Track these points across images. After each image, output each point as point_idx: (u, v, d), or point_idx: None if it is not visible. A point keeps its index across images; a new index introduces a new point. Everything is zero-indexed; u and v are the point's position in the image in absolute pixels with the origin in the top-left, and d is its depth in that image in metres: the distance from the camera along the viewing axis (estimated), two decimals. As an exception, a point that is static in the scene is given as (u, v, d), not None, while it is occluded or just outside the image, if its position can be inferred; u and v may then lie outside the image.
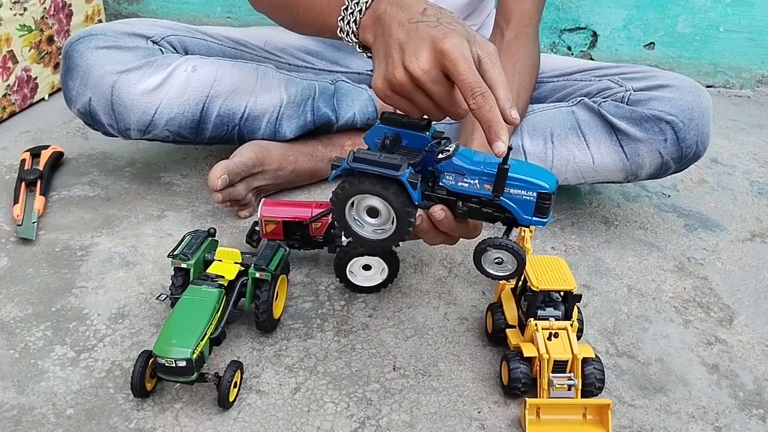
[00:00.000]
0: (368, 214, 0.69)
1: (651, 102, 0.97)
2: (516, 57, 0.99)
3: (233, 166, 0.98)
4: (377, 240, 0.70)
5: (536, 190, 0.65)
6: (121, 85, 0.97)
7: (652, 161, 0.99)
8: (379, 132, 0.69)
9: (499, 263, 0.69)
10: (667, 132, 0.96)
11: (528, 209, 0.66)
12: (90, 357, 0.80)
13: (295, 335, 0.84)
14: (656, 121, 0.96)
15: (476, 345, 0.85)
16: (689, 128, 0.96)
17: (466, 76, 0.63)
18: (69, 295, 0.89)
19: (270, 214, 0.91)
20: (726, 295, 0.97)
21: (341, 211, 0.69)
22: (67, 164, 1.17)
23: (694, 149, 0.98)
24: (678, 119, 0.96)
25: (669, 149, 0.97)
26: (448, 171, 0.68)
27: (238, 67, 1.04)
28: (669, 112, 0.96)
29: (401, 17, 0.68)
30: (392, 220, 0.68)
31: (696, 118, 0.97)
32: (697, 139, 0.98)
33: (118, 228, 1.02)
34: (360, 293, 0.91)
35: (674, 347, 0.87)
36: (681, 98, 0.97)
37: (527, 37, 1.01)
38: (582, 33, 1.65)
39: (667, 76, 1.01)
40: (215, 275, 0.78)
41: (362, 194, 0.67)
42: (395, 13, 0.69)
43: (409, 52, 0.65)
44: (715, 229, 1.12)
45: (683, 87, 0.98)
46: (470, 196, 0.68)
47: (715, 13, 1.59)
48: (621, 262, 1.02)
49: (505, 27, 1.01)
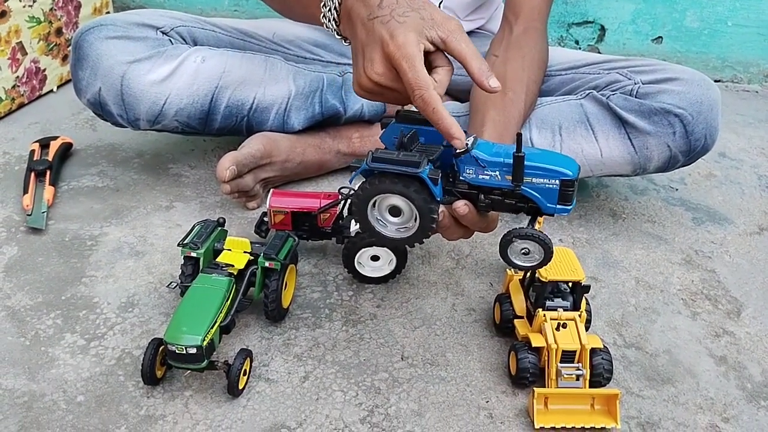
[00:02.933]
0: (390, 213, 0.68)
1: (660, 95, 0.97)
2: (525, 51, 0.99)
3: (241, 157, 0.98)
4: (401, 238, 0.69)
5: (559, 177, 0.65)
6: (131, 76, 0.97)
7: (661, 154, 0.99)
8: (396, 131, 0.69)
9: (525, 253, 0.69)
10: (675, 125, 0.96)
11: (552, 197, 0.66)
12: (100, 345, 0.80)
13: (304, 324, 0.84)
14: (665, 114, 0.96)
15: (484, 335, 0.85)
16: (698, 121, 0.96)
17: (406, 78, 0.64)
18: (79, 284, 0.89)
19: (279, 205, 0.91)
20: (734, 287, 0.97)
21: (363, 212, 0.68)
22: (76, 155, 1.18)
23: (703, 143, 0.98)
24: (687, 112, 0.96)
25: (677, 142, 0.97)
26: (467, 164, 0.67)
27: (247, 59, 1.05)
28: (678, 105, 0.96)
29: (362, 14, 0.69)
30: (415, 218, 0.67)
31: (705, 112, 0.96)
32: (706, 132, 0.97)
33: (127, 218, 1.02)
34: (368, 284, 0.92)
35: (682, 339, 0.87)
36: (690, 91, 0.96)
37: (536, 32, 1.01)
38: (590, 27, 1.64)
39: (676, 69, 1.01)
40: (225, 264, 0.79)
41: (383, 194, 0.66)
42: (359, 9, 0.69)
43: (367, 57, 0.66)
44: (722, 223, 1.12)
45: (692, 80, 0.98)
46: (492, 188, 0.68)
47: (723, 8, 1.58)
48: (629, 255, 1.02)
49: (514, 21, 1.01)
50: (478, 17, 1.20)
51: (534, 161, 0.65)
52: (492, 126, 0.88)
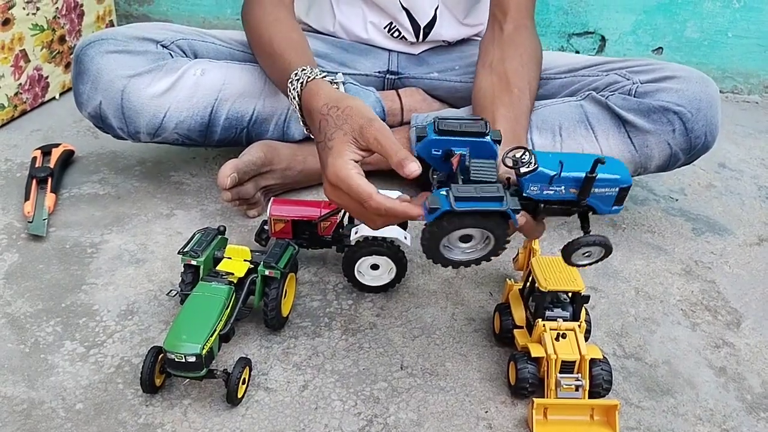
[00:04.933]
0: (460, 240, 0.68)
1: (658, 93, 0.97)
2: (522, 49, 1.00)
3: (242, 164, 0.99)
4: (467, 260, 0.69)
5: (618, 185, 0.67)
6: (131, 89, 0.98)
7: (661, 152, 0.99)
8: (436, 144, 0.68)
9: (587, 255, 0.70)
10: (675, 123, 0.96)
11: (609, 202, 0.69)
12: (99, 353, 0.80)
13: (303, 333, 0.84)
14: (664, 112, 0.96)
15: (484, 345, 0.85)
16: (697, 118, 0.97)
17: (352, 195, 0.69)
18: (79, 292, 0.89)
19: (279, 213, 0.91)
20: (734, 298, 0.97)
21: (437, 245, 0.67)
22: (77, 162, 1.18)
23: (703, 140, 0.98)
24: (686, 109, 0.96)
25: (678, 140, 0.98)
26: (533, 182, 0.67)
27: (247, 70, 1.05)
28: (677, 102, 0.96)
29: (313, 133, 0.79)
30: (485, 240, 0.68)
31: (704, 108, 0.97)
32: (706, 129, 0.98)
33: (127, 226, 1.03)
34: (368, 293, 0.92)
35: (681, 350, 0.87)
36: (688, 89, 0.97)
37: (527, 30, 1.02)
38: (590, 37, 1.65)
39: (673, 67, 1.01)
40: (225, 272, 0.79)
41: (464, 229, 0.66)
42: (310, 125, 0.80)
43: (323, 179, 0.73)
44: (722, 233, 1.12)
45: (690, 78, 0.98)
46: (555, 200, 0.68)
47: (723, 19, 1.59)
48: (628, 265, 1.02)
49: (503, 20, 1.02)
50: (476, 23, 1.20)
51: (598, 173, 0.66)
52: (504, 121, 0.90)
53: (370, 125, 0.70)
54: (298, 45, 0.91)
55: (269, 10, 0.97)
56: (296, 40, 0.91)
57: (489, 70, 0.99)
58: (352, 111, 0.72)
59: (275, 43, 0.90)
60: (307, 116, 0.81)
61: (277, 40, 0.90)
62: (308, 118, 0.81)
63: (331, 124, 0.73)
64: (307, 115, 0.81)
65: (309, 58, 0.89)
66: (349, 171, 0.69)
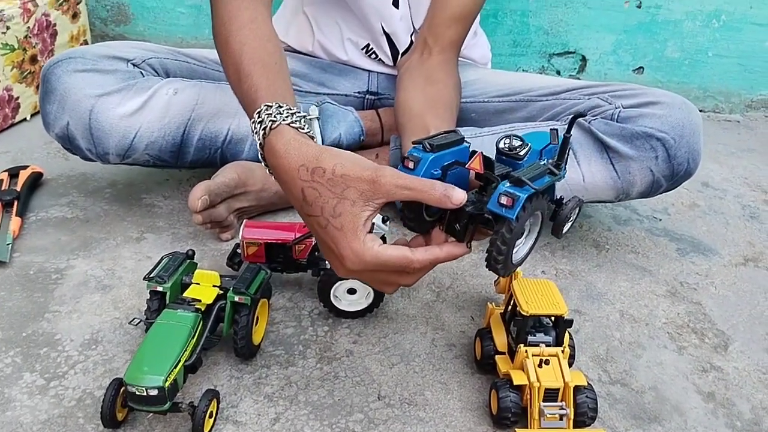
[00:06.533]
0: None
1: (641, 119, 0.96)
2: (449, 80, 1.03)
3: (214, 186, 0.96)
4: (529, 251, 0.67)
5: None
6: (100, 109, 0.95)
7: (644, 179, 0.97)
8: (435, 163, 0.64)
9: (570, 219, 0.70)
10: (658, 149, 0.95)
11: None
12: (60, 385, 0.76)
13: (276, 362, 0.81)
14: (647, 138, 0.95)
15: (465, 372, 0.82)
16: (680, 145, 0.95)
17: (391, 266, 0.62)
18: (41, 320, 0.85)
19: (252, 236, 0.88)
20: (720, 320, 0.95)
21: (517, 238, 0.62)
22: (46, 185, 1.14)
23: (686, 167, 0.97)
24: (669, 136, 0.94)
25: (660, 166, 0.96)
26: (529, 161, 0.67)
27: (221, 90, 1.02)
28: (659, 129, 0.94)
29: (292, 199, 0.65)
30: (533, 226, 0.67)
31: (687, 135, 0.95)
32: (689, 156, 0.96)
33: (95, 250, 0.99)
34: (344, 318, 0.88)
35: (668, 374, 0.84)
36: (671, 115, 0.95)
37: (453, 62, 1.06)
38: (571, 57, 1.65)
39: (656, 93, 1.00)
40: (192, 299, 0.75)
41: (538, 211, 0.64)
42: (284, 187, 0.66)
43: (335, 265, 0.64)
44: (707, 254, 1.10)
45: (673, 104, 0.97)
46: None
47: (703, 38, 1.59)
48: (613, 287, 0.99)
49: (434, 47, 1.05)
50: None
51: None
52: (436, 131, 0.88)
53: (381, 176, 0.60)
54: (270, 62, 0.78)
55: (245, 4, 0.82)
56: (270, 53, 0.78)
57: (415, 89, 1.01)
58: (346, 169, 0.61)
59: (245, 56, 0.76)
60: (276, 173, 0.67)
61: (248, 54, 0.76)
62: (278, 178, 0.67)
63: (325, 194, 0.61)
64: (275, 171, 0.67)
65: (281, 82, 0.75)
66: (374, 249, 0.60)
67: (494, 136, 1.03)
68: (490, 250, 0.62)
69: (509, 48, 1.63)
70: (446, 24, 1.05)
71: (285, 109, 0.67)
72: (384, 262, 0.61)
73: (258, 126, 0.68)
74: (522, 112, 1.10)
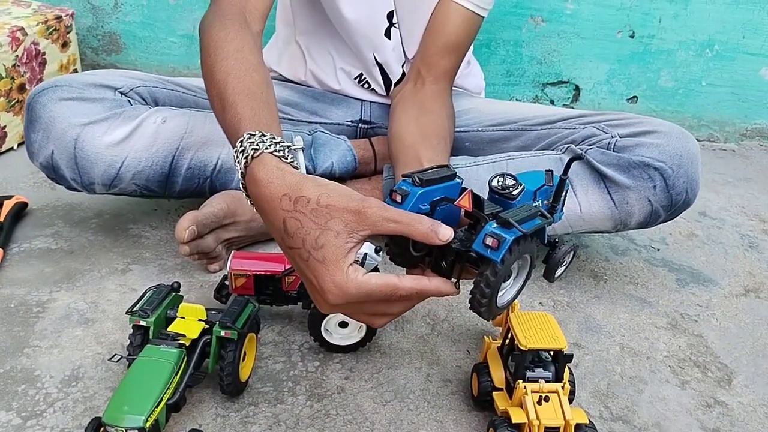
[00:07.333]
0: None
1: (638, 148, 0.94)
2: (443, 110, 1.02)
3: (202, 216, 0.93)
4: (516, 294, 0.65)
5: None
6: (85, 138, 0.93)
7: (642, 209, 0.95)
8: (424, 198, 0.62)
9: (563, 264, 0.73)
10: (656, 179, 0.93)
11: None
12: (38, 424, 0.73)
13: (264, 400, 0.77)
14: (644, 167, 0.93)
15: (461, 410, 0.78)
16: (678, 174, 0.93)
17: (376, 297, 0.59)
18: (20, 355, 0.82)
19: (240, 267, 0.85)
20: (723, 353, 0.92)
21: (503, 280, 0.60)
22: (31, 215, 1.11)
23: (684, 197, 0.95)
24: (667, 165, 0.93)
25: (658, 196, 0.94)
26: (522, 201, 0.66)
27: (211, 118, 1.00)
28: (657, 158, 0.93)
29: (273, 231, 0.62)
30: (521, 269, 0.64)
31: (685, 165, 0.93)
32: (687, 186, 0.94)
33: (79, 283, 0.96)
34: (336, 353, 0.85)
35: (672, 410, 0.81)
36: (669, 144, 0.94)
37: (446, 92, 1.06)
38: (564, 87, 1.64)
39: (653, 122, 0.98)
40: (176, 334, 0.72)
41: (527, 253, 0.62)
42: (264, 218, 0.63)
43: (317, 300, 0.61)
44: (707, 284, 1.08)
45: (670, 133, 0.95)
46: None
47: (697, 68, 1.59)
48: (612, 319, 0.97)
49: (427, 77, 1.05)
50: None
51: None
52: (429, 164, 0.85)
53: (367, 208, 0.58)
54: (256, 92, 0.74)
55: (232, 35, 0.80)
56: (256, 83, 0.75)
57: (407, 120, 1.00)
58: (331, 199, 0.58)
59: (230, 86, 0.74)
60: (257, 203, 0.64)
61: (233, 84, 0.74)
62: (259, 208, 0.63)
63: (307, 225, 0.58)
64: (256, 201, 0.64)
65: (266, 111, 0.72)
66: (358, 280, 0.57)
67: (488, 165, 1.02)
68: (474, 291, 0.59)
69: (502, 78, 1.62)
70: (439, 54, 1.04)
71: (268, 138, 0.65)
72: (369, 292, 0.58)
73: (240, 155, 0.65)
74: (516, 141, 1.08)
